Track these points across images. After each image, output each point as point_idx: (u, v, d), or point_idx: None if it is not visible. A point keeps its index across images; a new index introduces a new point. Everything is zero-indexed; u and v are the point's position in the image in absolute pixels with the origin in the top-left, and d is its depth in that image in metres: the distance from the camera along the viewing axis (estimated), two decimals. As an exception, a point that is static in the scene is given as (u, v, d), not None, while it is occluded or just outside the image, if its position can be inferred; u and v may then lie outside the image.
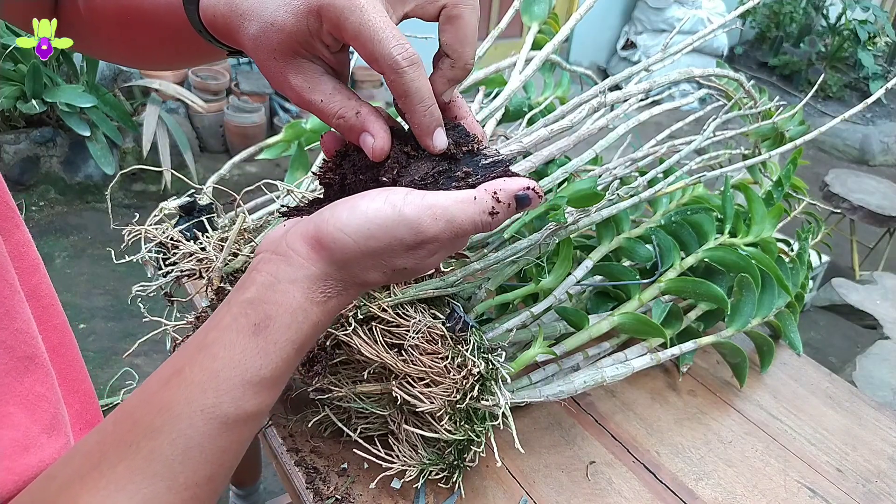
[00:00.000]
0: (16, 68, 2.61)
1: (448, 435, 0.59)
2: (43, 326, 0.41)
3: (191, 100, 3.03)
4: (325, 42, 0.35)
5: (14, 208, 0.41)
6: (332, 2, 0.33)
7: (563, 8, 4.62)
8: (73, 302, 2.26)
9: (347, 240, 0.32)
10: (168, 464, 0.30)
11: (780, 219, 0.87)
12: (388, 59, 0.33)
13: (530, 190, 0.33)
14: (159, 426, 0.30)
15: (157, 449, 0.30)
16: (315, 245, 0.32)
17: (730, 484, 0.67)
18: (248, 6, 0.35)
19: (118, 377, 1.36)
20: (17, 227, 0.41)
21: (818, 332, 2.59)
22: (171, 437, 0.30)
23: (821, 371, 0.85)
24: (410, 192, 0.33)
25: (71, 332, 0.45)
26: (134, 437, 0.30)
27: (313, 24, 0.34)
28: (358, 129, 0.36)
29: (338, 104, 0.36)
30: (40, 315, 0.41)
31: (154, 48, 0.47)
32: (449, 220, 0.32)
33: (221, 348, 0.31)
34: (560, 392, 0.66)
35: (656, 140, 0.79)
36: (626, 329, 0.73)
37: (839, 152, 4.56)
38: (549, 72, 0.95)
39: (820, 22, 5.17)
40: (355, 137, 0.37)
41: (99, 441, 0.31)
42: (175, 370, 0.32)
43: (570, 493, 0.64)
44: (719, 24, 0.76)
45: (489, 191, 0.33)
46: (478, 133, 0.39)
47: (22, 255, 0.41)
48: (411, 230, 0.32)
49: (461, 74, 0.37)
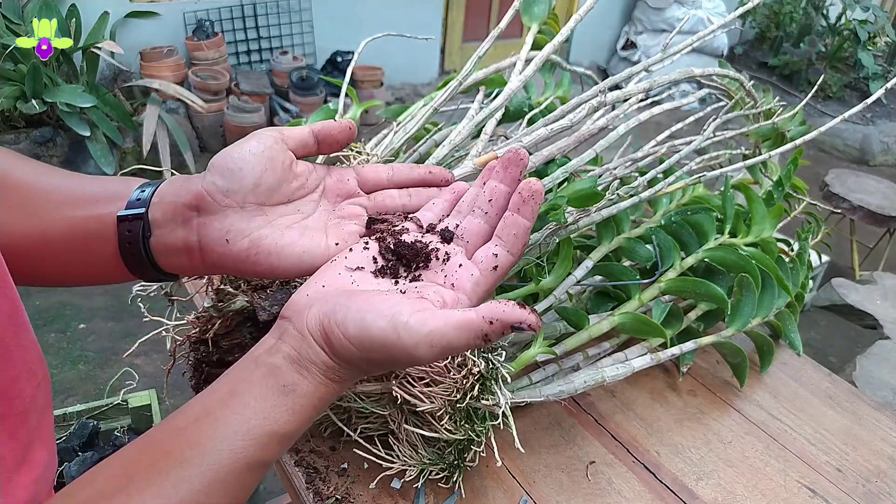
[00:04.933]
0: (16, 68, 2.61)
1: (448, 435, 0.59)
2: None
3: (191, 100, 3.03)
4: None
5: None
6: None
7: (563, 8, 4.62)
8: (73, 302, 2.26)
9: (352, 349, 0.34)
10: (194, 494, 0.32)
11: (780, 219, 0.87)
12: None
13: (526, 325, 0.33)
14: (189, 458, 0.32)
15: (185, 479, 0.32)
16: (326, 340, 0.35)
17: (730, 484, 0.67)
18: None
19: (118, 377, 1.36)
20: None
21: (818, 332, 2.59)
22: (199, 470, 0.32)
23: (821, 371, 0.85)
24: (416, 314, 0.34)
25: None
26: (164, 465, 0.32)
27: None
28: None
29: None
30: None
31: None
32: (445, 346, 0.33)
33: (252, 399, 0.34)
34: (560, 392, 0.66)
35: (656, 140, 0.79)
36: (626, 329, 0.73)
37: (839, 152, 4.56)
38: (549, 72, 0.94)
39: (820, 22, 5.17)
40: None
41: (124, 466, 0.33)
42: (205, 411, 0.34)
43: (570, 493, 0.64)
44: (719, 24, 0.76)
45: (486, 318, 0.33)
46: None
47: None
48: (408, 355, 0.34)
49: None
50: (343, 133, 0.45)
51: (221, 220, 0.41)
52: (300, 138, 0.44)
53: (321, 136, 0.45)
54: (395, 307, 0.34)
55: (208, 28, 3.30)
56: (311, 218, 0.44)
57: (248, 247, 0.41)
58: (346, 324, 0.34)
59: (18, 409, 0.37)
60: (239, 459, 0.33)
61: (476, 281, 0.38)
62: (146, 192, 0.42)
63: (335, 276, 0.39)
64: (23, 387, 0.37)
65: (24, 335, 0.38)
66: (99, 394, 1.83)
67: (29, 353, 0.39)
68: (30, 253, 0.43)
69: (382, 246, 0.41)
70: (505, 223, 0.39)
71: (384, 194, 0.46)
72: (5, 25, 2.62)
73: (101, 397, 1.26)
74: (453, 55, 4.39)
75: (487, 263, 0.38)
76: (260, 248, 0.41)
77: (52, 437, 0.41)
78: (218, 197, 0.41)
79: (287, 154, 0.43)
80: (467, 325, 0.33)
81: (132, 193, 0.42)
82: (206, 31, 3.29)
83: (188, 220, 0.41)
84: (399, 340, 0.33)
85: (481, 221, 0.40)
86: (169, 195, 0.42)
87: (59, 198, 0.43)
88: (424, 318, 0.33)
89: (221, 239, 0.41)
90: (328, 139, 0.45)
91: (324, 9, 3.64)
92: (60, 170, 0.46)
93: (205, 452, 0.32)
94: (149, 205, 0.41)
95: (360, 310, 0.34)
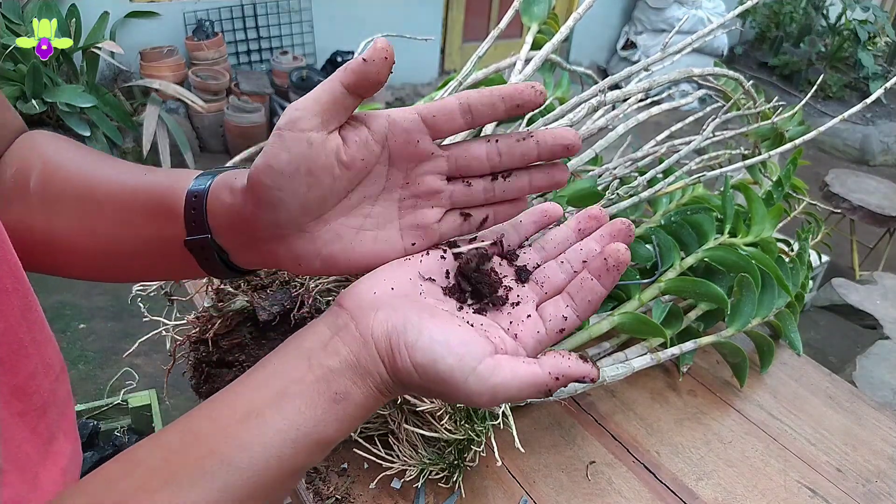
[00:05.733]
0: (16, 68, 2.61)
1: (448, 434, 0.59)
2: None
3: (191, 100, 3.03)
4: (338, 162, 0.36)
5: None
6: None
7: (562, 8, 4.62)
8: (73, 302, 2.26)
9: (414, 375, 0.33)
10: (238, 497, 0.31)
11: (780, 219, 0.87)
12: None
13: (588, 380, 0.34)
14: (236, 462, 0.31)
15: (232, 484, 0.31)
16: (390, 356, 0.34)
17: (730, 484, 0.67)
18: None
19: (118, 377, 1.36)
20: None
21: (818, 332, 2.59)
22: (246, 475, 0.31)
23: (821, 371, 0.85)
24: (486, 362, 0.33)
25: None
26: (210, 466, 0.31)
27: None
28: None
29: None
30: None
31: (118, 245, 0.42)
32: (506, 398, 0.33)
33: (304, 405, 0.33)
34: (560, 392, 0.66)
35: (656, 140, 0.79)
36: (626, 329, 0.73)
37: (839, 152, 4.56)
38: (548, 72, 0.95)
39: (820, 22, 5.17)
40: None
41: (166, 459, 0.32)
42: (254, 410, 0.33)
43: (570, 493, 0.64)
44: (718, 24, 0.76)
45: (553, 375, 0.33)
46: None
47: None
48: (467, 398, 0.33)
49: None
50: (383, 69, 0.34)
51: (287, 248, 0.37)
52: (332, 106, 0.34)
53: (358, 86, 0.34)
54: (465, 346, 0.33)
55: (208, 28, 3.30)
56: (381, 206, 0.38)
57: (322, 266, 0.38)
58: (415, 349, 0.33)
59: (37, 404, 0.37)
60: (285, 467, 0.32)
61: (540, 340, 0.36)
62: (198, 210, 0.38)
63: (405, 280, 0.36)
64: (40, 382, 0.38)
65: (38, 331, 0.38)
66: (99, 394, 1.84)
67: (44, 348, 0.39)
68: (95, 263, 0.42)
69: (461, 265, 0.38)
70: (582, 286, 0.36)
71: (469, 156, 0.37)
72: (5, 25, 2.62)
73: (101, 397, 1.27)
74: (453, 55, 4.39)
75: (555, 325, 0.36)
76: (335, 265, 0.38)
77: (75, 428, 0.41)
78: (271, 230, 0.36)
79: (328, 147, 0.34)
80: (533, 382, 0.33)
81: (184, 208, 0.38)
82: (206, 31, 3.30)
83: (255, 246, 0.39)
84: (465, 384, 0.32)
85: (565, 277, 0.38)
86: (223, 216, 0.38)
87: (112, 212, 0.40)
88: (494, 368, 0.33)
89: (294, 264, 0.38)
90: (365, 85, 0.34)
91: (324, 9, 3.64)
92: (100, 159, 0.43)
93: (253, 457, 0.31)
94: (209, 226, 0.39)
95: (432, 338, 0.33)
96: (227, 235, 0.38)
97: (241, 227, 0.37)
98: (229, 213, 0.37)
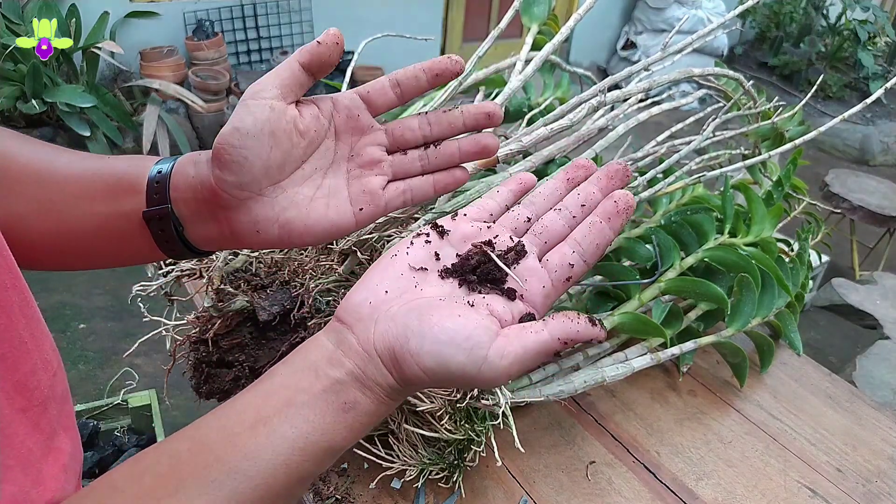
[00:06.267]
0: (16, 68, 2.61)
1: (448, 434, 0.59)
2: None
3: (191, 100, 3.03)
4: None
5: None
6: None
7: (562, 8, 4.62)
8: (73, 302, 2.26)
9: (424, 378, 0.33)
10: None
11: (780, 219, 0.87)
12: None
13: (596, 342, 0.34)
14: (244, 470, 0.31)
15: (239, 491, 0.31)
16: (396, 366, 0.34)
17: (730, 484, 0.67)
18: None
19: (118, 377, 1.36)
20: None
21: (818, 332, 2.59)
22: (254, 483, 0.32)
23: (821, 371, 0.85)
24: (494, 346, 0.33)
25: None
26: (217, 474, 0.31)
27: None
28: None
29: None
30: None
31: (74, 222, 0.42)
32: (520, 370, 0.33)
33: (312, 414, 0.33)
34: (560, 392, 0.66)
35: (656, 140, 0.79)
36: (626, 329, 0.73)
37: (839, 152, 4.56)
38: (548, 72, 0.95)
39: (820, 22, 5.17)
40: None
41: (174, 467, 0.32)
42: (261, 419, 0.33)
43: (570, 493, 0.64)
44: (719, 24, 0.76)
45: (561, 340, 0.33)
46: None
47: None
48: (485, 384, 0.33)
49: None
50: (334, 52, 0.40)
51: (246, 213, 0.40)
52: (290, 80, 0.39)
53: (311, 65, 0.40)
54: (471, 339, 0.33)
55: (208, 28, 3.30)
56: (330, 178, 0.42)
57: (280, 233, 0.40)
58: (421, 355, 0.33)
59: (38, 399, 0.37)
60: (293, 474, 0.32)
61: (547, 294, 0.36)
62: (161, 183, 0.41)
63: (397, 277, 0.36)
64: (40, 378, 0.38)
65: (36, 326, 0.38)
66: (99, 394, 1.83)
67: (42, 344, 0.39)
68: (52, 247, 0.42)
69: (463, 265, 0.37)
70: (590, 229, 0.36)
71: (403, 127, 0.43)
72: (5, 25, 2.62)
73: (101, 397, 1.27)
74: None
75: (562, 273, 0.36)
76: (291, 231, 0.40)
77: (75, 426, 0.41)
78: (234, 192, 0.39)
79: (287, 115, 0.39)
80: (544, 349, 0.33)
81: (146, 183, 0.41)
82: (206, 31, 3.30)
83: (214, 215, 0.41)
84: (479, 374, 0.32)
85: (565, 224, 0.38)
86: (185, 188, 0.40)
87: (73, 189, 0.41)
88: (503, 348, 0.33)
89: (252, 231, 0.40)
90: (317, 63, 0.40)
91: (324, 9, 3.64)
92: (59, 149, 0.44)
93: (261, 465, 0.32)
94: (170, 199, 0.41)
95: (436, 340, 0.33)
96: (188, 206, 0.41)
97: (202, 195, 0.40)
98: (192, 184, 0.40)
